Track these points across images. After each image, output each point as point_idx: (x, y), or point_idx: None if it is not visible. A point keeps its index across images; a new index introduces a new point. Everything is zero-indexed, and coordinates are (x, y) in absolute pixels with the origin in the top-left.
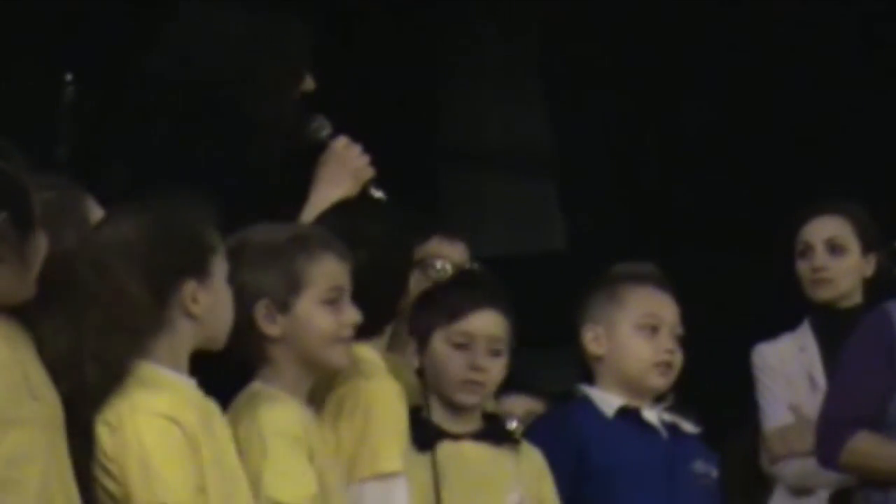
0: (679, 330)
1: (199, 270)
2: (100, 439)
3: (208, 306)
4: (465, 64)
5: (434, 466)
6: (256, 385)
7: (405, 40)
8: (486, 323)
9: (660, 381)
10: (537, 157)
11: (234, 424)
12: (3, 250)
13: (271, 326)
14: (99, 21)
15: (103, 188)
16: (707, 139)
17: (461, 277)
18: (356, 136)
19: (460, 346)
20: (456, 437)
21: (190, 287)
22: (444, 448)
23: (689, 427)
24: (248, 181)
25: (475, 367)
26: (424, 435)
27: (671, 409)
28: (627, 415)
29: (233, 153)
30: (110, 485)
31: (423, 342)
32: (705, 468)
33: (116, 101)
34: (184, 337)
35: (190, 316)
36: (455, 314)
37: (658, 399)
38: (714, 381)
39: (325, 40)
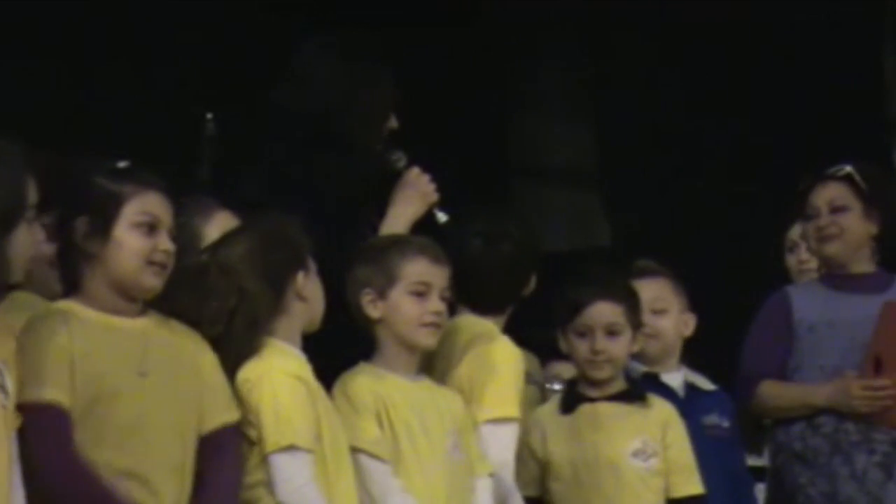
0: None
1: (304, 264)
2: (242, 394)
3: (312, 291)
4: (529, 93)
5: (575, 421)
6: (360, 364)
7: (480, 73)
8: (601, 312)
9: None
10: (587, 169)
11: (334, 394)
12: (87, 247)
13: (374, 310)
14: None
15: (238, 202)
16: (727, 150)
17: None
18: (443, 157)
19: (582, 335)
20: (592, 400)
21: (300, 277)
22: (584, 408)
23: (705, 384)
24: (346, 196)
25: (595, 351)
26: (570, 399)
27: (693, 369)
28: (650, 379)
29: (336, 174)
30: (251, 432)
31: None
32: (717, 420)
33: (248, 130)
34: (296, 318)
35: (301, 299)
36: (575, 310)
37: (684, 361)
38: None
39: (413, 76)
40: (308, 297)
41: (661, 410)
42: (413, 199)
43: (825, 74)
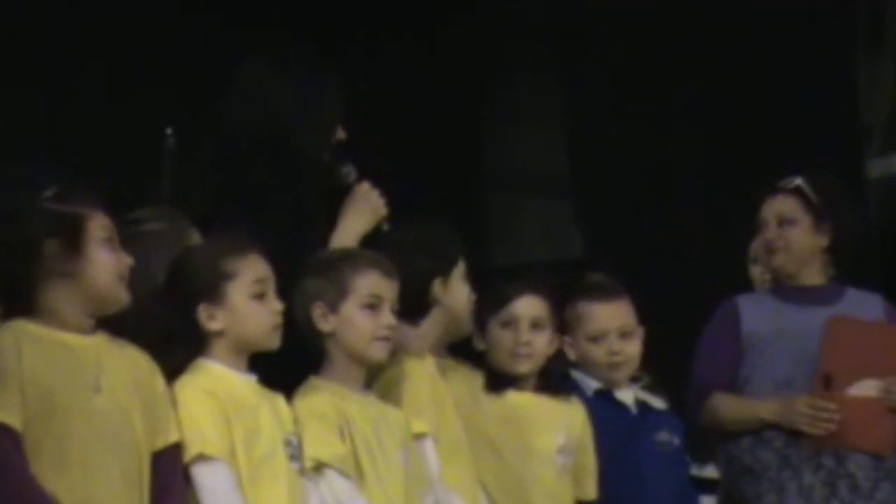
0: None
1: (212, 295)
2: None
3: (228, 321)
4: (502, 104)
5: (504, 404)
6: (311, 379)
7: (452, 84)
8: (529, 305)
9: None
10: (560, 180)
11: (293, 407)
12: (60, 268)
13: (325, 324)
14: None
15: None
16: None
17: (505, 273)
18: (414, 167)
19: (507, 325)
20: (519, 388)
21: (205, 311)
22: (511, 395)
23: (657, 403)
24: (293, 209)
25: (519, 342)
26: (497, 382)
27: (644, 388)
28: (603, 395)
29: (283, 187)
30: None
31: (481, 328)
32: (668, 437)
33: (200, 146)
34: (218, 344)
35: (212, 331)
36: (503, 301)
37: (634, 380)
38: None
39: (387, 87)
40: (219, 329)
41: (580, 409)
42: (363, 212)
43: (798, 85)
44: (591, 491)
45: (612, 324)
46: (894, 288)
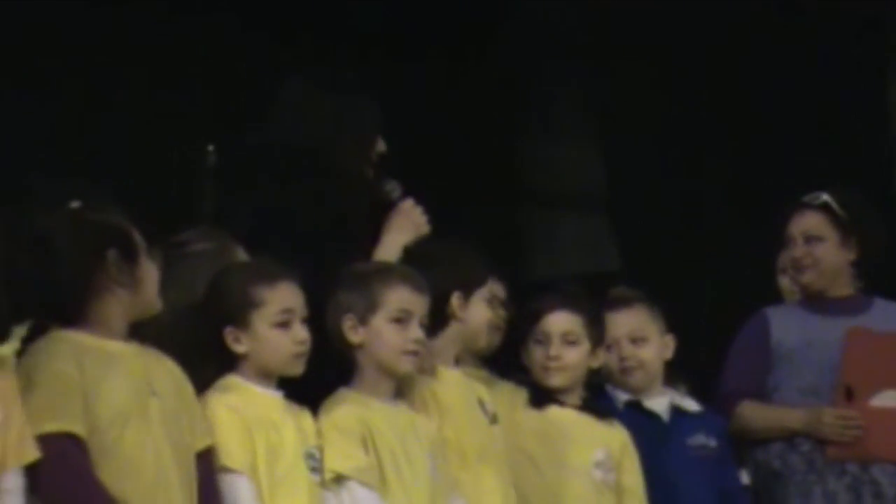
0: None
1: (238, 319)
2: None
3: (251, 346)
4: (537, 124)
5: (544, 419)
6: (340, 390)
7: (491, 104)
8: (558, 320)
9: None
10: (596, 196)
11: (318, 420)
12: (121, 278)
13: (355, 336)
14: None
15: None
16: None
17: (541, 288)
18: (455, 185)
19: (539, 342)
20: (562, 404)
21: (231, 333)
22: (553, 410)
23: (691, 406)
24: (334, 225)
25: (550, 356)
26: (540, 397)
27: (679, 392)
28: (633, 406)
29: (324, 203)
30: None
31: (523, 344)
32: (704, 440)
33: (244, 162)
34: (245, 363)
35: (240, 354)
36: (535, 318)
37: (670, 386)
38: None
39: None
40: (245, 352)
41: (622, 431)
42: (406, 228)
43: (830, 100)
44: None
45: (622, 330)
46: None
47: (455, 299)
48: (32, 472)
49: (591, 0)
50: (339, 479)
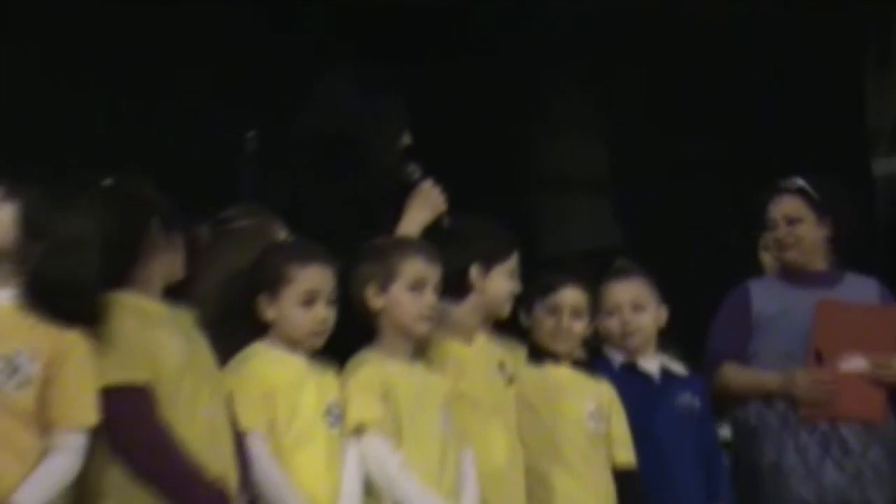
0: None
1: (271, 290)
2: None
3: (276, 316)
4: (551, 115)
5: (543, 374)
6: (362, 351)
7: (507, 99)
8: (571, 295)
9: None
10: (600, 181)
11: (342, 377)
12: (161, 243)
13: (376, 302)
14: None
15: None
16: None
17: (553, 263)
18: (474, 170)
19: (552, 312)
20: (557, 362)
21: (263, 300)
22: (550, 367)
23: (679, 369)
24: (365, 204)
25: (561, 328)
26: (539, 356)
27: (669, 357)
28: (628, 367)
29: (355, 185)
30: None
31: (528, 309)
32: (690, 400)
33: (283, 148)
34: (274, 330)
35: (268, 321)
36: (550, 290)
37: (662, 351)
38: None
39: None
40: (272, 319)
41: (609, 388)
42: (425, 206)
43: (810, 91)
44: (623, 456)
45: (624, 298)
46: (891, 272)
47: (474, 271)
48: (106, 426)
49: (590, 3)
50: (359, 430)
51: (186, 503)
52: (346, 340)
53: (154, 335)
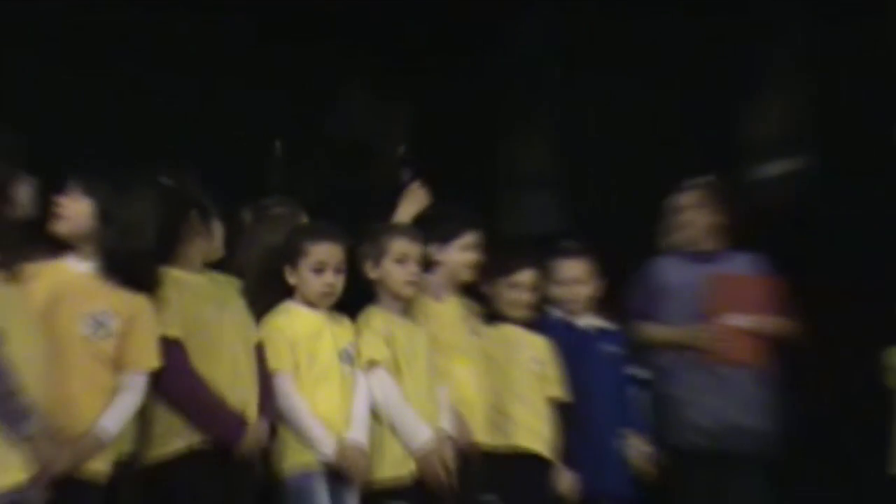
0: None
1: (292, 261)
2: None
3: (296, 281)
4: (510, 122)
5: (498, 335)
6: (370, 307)
7: (475, 111)
8: (530, 276)
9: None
10: (553, 177)
11: (356, 324)
12: (198, 229)
13: (373, 273)
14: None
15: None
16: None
17: (512, 246)
18: (444, 170)
19: (513, 287)
20: (506, 320)
21: (287, 269)
22: (502, 326)
23: (606, 325)
24: (367, 199)
25: (523, 301)
26: (491, 317)
27: (601, 316)
28: (568, 324)
29: (363, 185)
30: None
31: (490, 282)
32: (615, 349)
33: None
34: (297, 293)
35: (292, 285)
36: (511, 270)
37: (598, 312)
38: None
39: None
40: (294, 283)
41: (546, 340)
42: (414, 201)
43: (705, 114)
44: (558, 391)
45: (570, 273)
46: (765, 250)
47: (432, 249)
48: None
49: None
50: (370, 365)
51: (209, 425)
52: (357, 300)
53: (189, 301)
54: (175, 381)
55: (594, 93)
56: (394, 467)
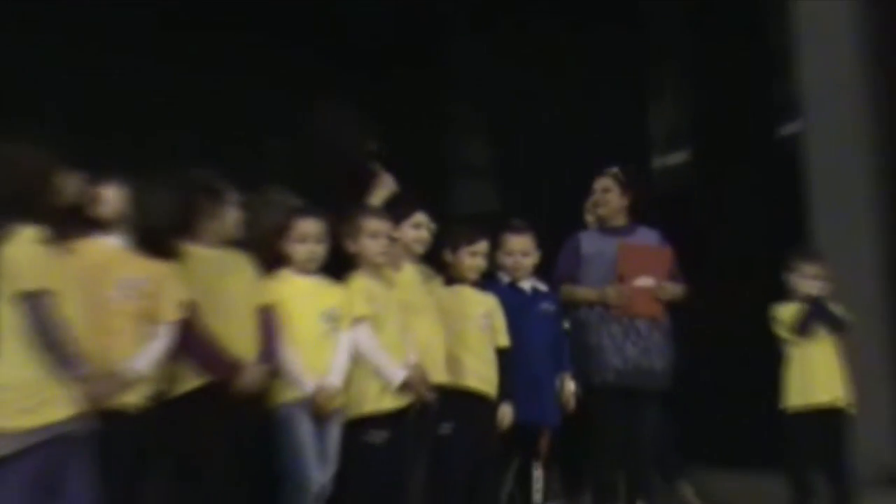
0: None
1: (284, 236)
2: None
3: (289, 251)
4: (461, 122)
5: (454, 295)
6: (353, 273)
7: (432, 113)
8: (484, 246)
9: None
10: (494, 169)
11: (344, 288)
12: (209, 212)
13: (353, 247)
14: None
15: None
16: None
17: (464, 221)
18: (403, 161)
19: (473, 255)
20: (461, 283)
21: (281, 242)
22: (458, 288)
23: (542, 287)
24: (344, 184)
25: (478, 267)
26: (450, 281)
27: (538, 279)
28: (511, 286)
29: (337, 173)
30: None
31: (453, 250)
32: (549, 307)
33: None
34: (291, 262)
35: (285, 254)
36: (472, 241)
37: (535, 276)
38: None
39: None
40: (286, 251)
41: (493, 299)
42: (383, 190)
43: (620, 111)
44: (502, 340)
45: (518, 247)
46: (669, 227)
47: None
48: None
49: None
50: (357, 321)
51: (208, 367)
52: (342, 267)
53: (201, 270)
54: (183, 333)
55: (523, 97)
56: (374, 402)
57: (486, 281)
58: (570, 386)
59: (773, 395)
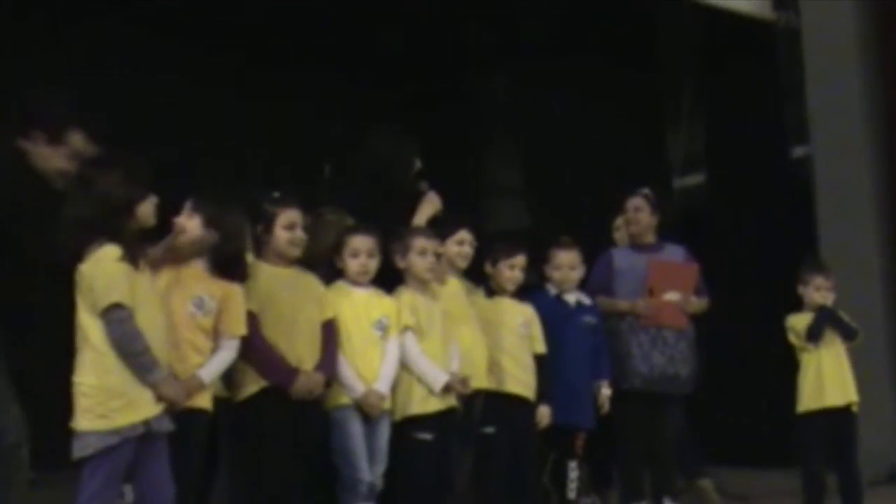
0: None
1: (338, 251)
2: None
3: (343, 264)
4: (493, 143)
5: (495, 305)
6: (401, 287)
7: (467, 140)
8: (522, 260)
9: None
10: (521, 188)
11: (393, 299)
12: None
13: (401, 264)
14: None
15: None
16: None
17: (501, 237)
18: (444, 183)
19: (511, 268)
20: (501, 295)
21: (337, 258)
22: (498, 299)
23: (585, 300)
24: (395, 205)
25: (517, 279)
26: (490, 292)
27: (581, 292)
28: (557, 297)
29: (387, 194)
30: None
31: (493, 264)
32: (591, 320)
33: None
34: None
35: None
36: (511, 255)
37: (579, 289)
38: None
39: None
40: (340, 265)
41: (532, 309)
42: (429, 207)
43: (637, 135)
44: (539, 347)
45: (565, 261)
46: (689, 243)
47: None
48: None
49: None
50: (404, 330)
51: (267, 373)
52: (392, 281)
53: (267, 286)
54: (247, 341)
55: (556, 125)
56: (420, 404)
57: (535, 292)
58: (606, 392)
59: (787, 399)
